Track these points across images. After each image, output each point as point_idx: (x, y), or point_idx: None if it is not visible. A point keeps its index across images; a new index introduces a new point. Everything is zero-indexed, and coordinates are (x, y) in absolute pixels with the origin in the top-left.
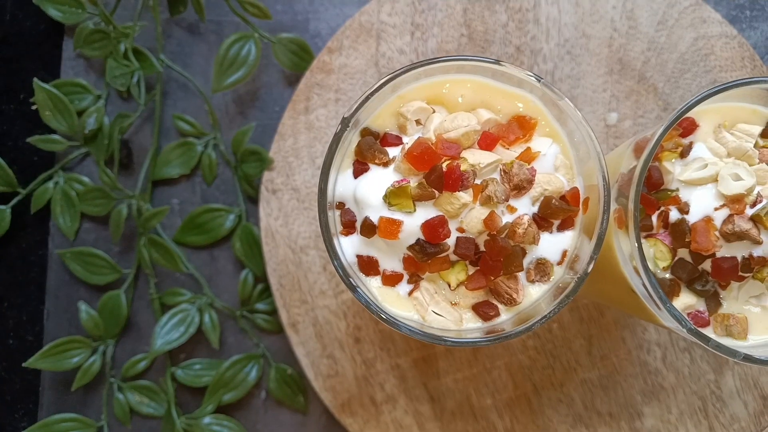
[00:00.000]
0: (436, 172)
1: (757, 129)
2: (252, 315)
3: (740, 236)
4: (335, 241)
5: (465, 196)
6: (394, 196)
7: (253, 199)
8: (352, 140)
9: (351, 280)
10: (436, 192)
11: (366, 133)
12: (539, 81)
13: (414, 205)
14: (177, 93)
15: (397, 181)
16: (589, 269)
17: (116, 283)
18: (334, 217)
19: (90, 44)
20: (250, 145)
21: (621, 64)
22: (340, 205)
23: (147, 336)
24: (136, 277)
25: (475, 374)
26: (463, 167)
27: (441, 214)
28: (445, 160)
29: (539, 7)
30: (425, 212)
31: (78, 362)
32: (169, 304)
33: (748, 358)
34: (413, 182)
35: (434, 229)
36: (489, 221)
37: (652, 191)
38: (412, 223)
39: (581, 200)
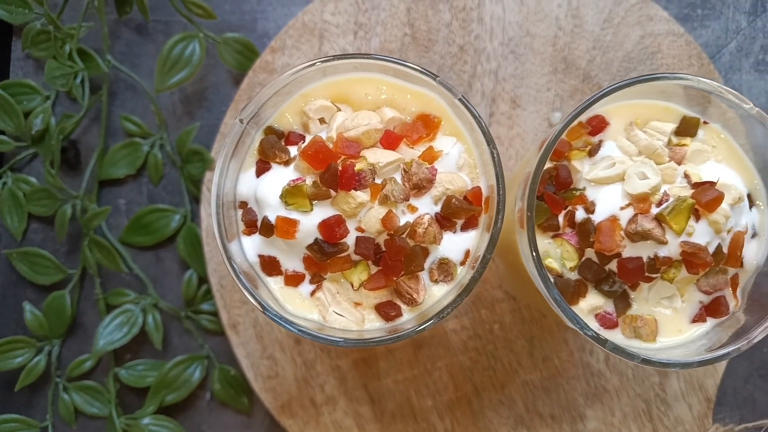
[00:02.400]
0: (330, 171)
1: (670, 126)
2: (197, 316)
3: (644, 236)
4: (236, 242)
5: (362, 196)
6: (290, 195)
7: (198, 200)
8: (255, 139)
9: (244, 281)
10: (331, 191)
11: (269, 131)
12: (435, 79)
13: (311, 204)
14: (125, 93)
15: (292, 180)
16: (482, 270)
17: (62, 283)
18: (236, 217)
19: (37, 45)
20: (193, 146)
21: (566, 63)
22: (243, 205)
23: (93, 336)
24: (83, 277)
25: (416, 375)
26: (358, 166)
27: (338, 213)
28: (344, 159)
29: (483, 5)
30: (323, 211)
31: (22, 362)
32: (114, 305)
33: (646, 361)
34: (309, 181)
35: (331, 228)
36: (386, 220)
37: (560, 190)
38: (310, 222)
39: (483, 199)
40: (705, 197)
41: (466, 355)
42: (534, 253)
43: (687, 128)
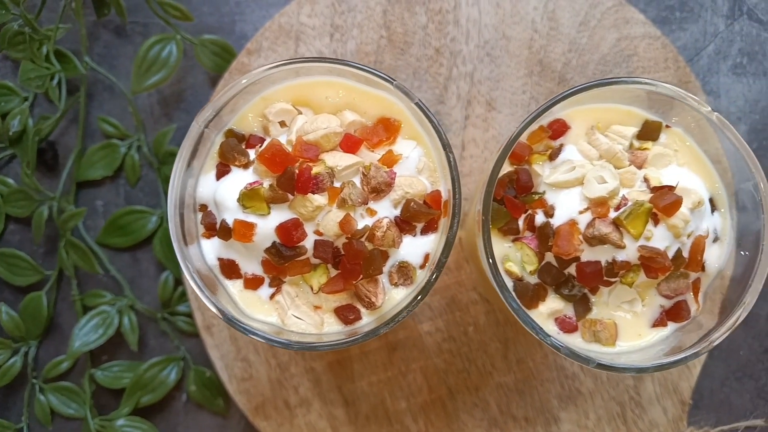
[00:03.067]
0: (287, 174)
1: (631, 130)
2: (173, 317)
3: (602, 240)
4: (196, 245)
5: (319, 199)
6: (247, 198)
7: None
8: (215, 141)
9: (200, 284)
10: (288, 195)
11: (230, 134)
12: (392, 83)
13: (268, 208)
14: (103, 95)
15: (249, 184)
16: (438, 274)
17: (39, 284)
18: (196, 220)
19: (14, 46)
20: (170, 147)
21: (541, 65)
22: (203, 208)
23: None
24: (60, 278)
25: (390, 378)
26: (316, 170)
27: (296, 216)
28: (302, 163)
29: (459, 8)
30: (280, 215)
31: None
32: (91, 306)
33: (601, 366)
34: (267, 184)
35: (288, 231)
36: (344, 224)
37: (521, 194)
38: (267, 225)
39: (443, 203)
40: (663, 201)
41: (440, 357)
42: (489, 258)
43: (649, 132)
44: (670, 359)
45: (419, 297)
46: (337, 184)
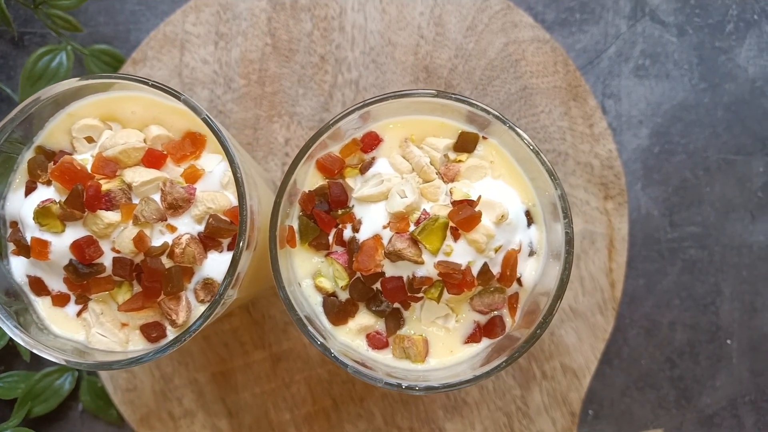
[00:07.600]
0: (73, 192)
1: (444, 142)
2: None
3: (399, 256)
4: (6, 262)
5: (111, 216)
6: (41, 215)
7: None
8: (25, 158)
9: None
10: (81, 212)
11: (39, 151)
12: (180, 98)
13: (63, 225)
14: (0, 106)
15: (42, 201)
16: (223, 293)
17: None
18: (5, 236)
19: None
20: None
21: (427, 72)
22: (13, 224)
23: None
24: None
25: (274, 389)
26: (106, 186)
27: (89, 234)
28: (99, 179)
29: (345, 15)
30: (75, 232)
31: None
32: None
33: (389, 385)
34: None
35: (81, 249)
36: (138, 241)
37: (335, 208)
38: (62, 243)
39: None
40: (459, 216)
41: (324, 368)
42: (277, 276)
43: (465, 144)
44: (461, 378)
45: (205, 315)
46: (136, 201)
